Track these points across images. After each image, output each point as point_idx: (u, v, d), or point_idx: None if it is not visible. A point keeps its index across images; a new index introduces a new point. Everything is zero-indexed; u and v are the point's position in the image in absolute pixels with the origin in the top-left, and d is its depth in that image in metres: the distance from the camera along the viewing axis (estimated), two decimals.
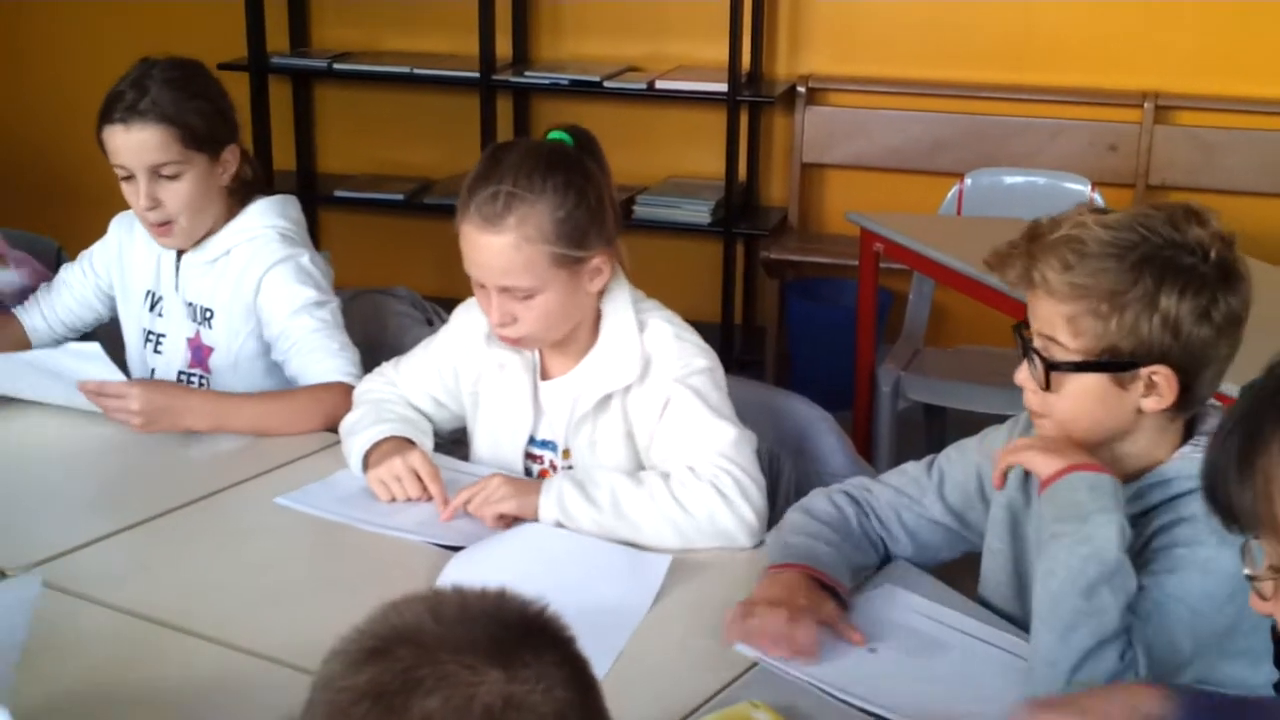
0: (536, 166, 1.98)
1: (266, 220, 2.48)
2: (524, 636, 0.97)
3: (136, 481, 2.20)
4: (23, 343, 2.63)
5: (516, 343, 2.09)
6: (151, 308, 2.55)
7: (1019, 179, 4.07)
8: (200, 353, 2.51)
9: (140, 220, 2.45)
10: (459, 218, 2.00)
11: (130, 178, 2.38)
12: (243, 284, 2.45)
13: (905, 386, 3.73)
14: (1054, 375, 1.66)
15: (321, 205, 5.22)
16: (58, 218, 2.33)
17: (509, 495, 1.98)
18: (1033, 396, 1.71)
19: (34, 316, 2.65)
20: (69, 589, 1.84)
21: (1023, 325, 1.72)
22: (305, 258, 2.47)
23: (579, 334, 2.10)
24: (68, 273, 2.66)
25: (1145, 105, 4.34)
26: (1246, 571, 1.14)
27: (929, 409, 3.81)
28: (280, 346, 2.43)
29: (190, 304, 2.51)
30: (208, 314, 2.49)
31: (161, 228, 2.42)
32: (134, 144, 2.35)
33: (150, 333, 2.56)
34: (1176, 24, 4.36)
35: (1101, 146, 4.39)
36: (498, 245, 1.97)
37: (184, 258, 2.49)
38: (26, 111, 5.37)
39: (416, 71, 4.80)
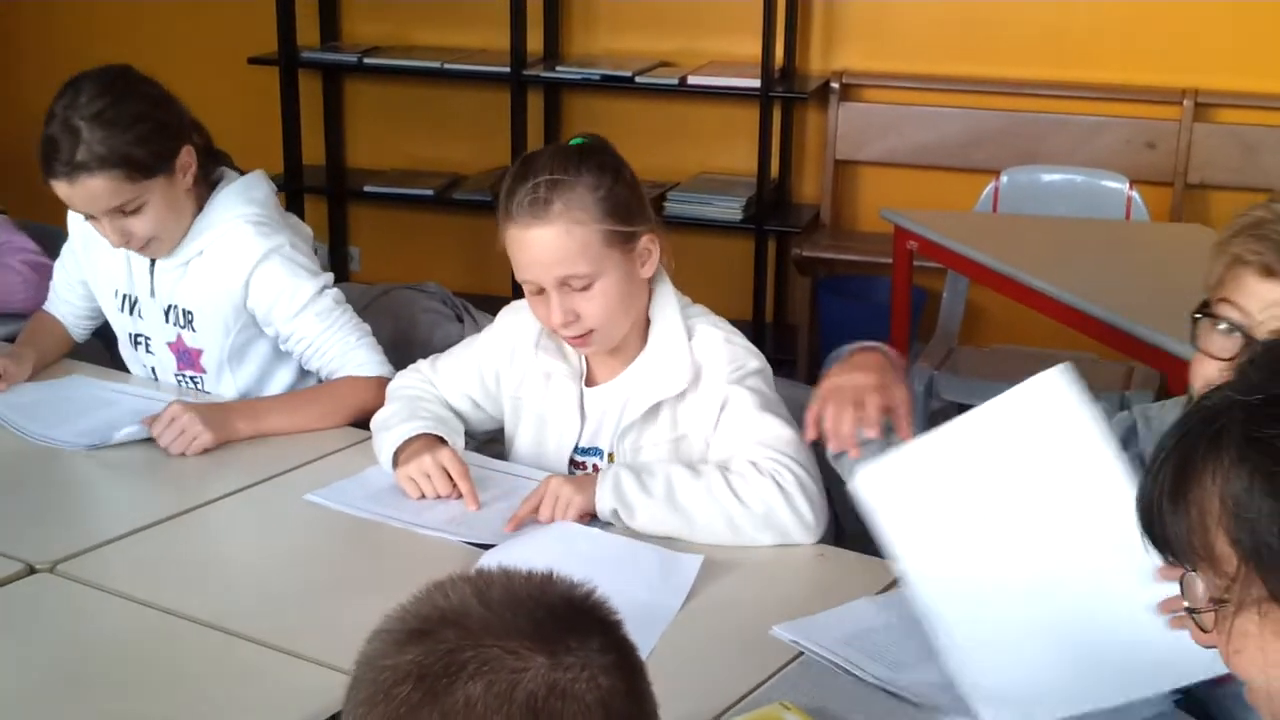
0: (569, 156, 2.01)
1: (234, 211, 2.39)
2: (569, 621, 0.96)
3: (167, 477, 2.19)
4: (65, 339, 2.62)
5: (582, 342, 2.06)
6: (130, 310, 2.50)
7: (1056, 176, 4.03)
8: (188, 355, 2.46)
9: None
10: (502, 225, 2.01)
11: (93, 217, 2.31)
12: (228, 284, 2.38)
13: (939, 386, 3.69)
14: None
15: (351, 200, 5.22)
16: None
17: (575, 492, 1.97)
18: None
19: (58, 307, 2.62)
20: (99, 584, 1.84)
21: (1210, 314, 1.64)
22: (286, 246, 2.38)
23: (628, 338, 2.09)
24: (59, 275, 2.61)
25: (1184, 102, 4.29)
26: (1186, 604, 1.12)
27: (963, 409, 3.76)
28: (295, 350, 2.40)
29: (169, 307, 2.45)
30: (189, 316, 2.44)
31: (143, 250, 2.37)
32: (84, 197, 2.26)
33: (136, 335, 2.51)
34: (1216, 20, 4.31)
35: (1139, 144, 4.35)
36: (548, 235, 1.97)
37: (157, 262, 2.42)
38: None
39: (447, 66, 4.79)
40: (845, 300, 4.59)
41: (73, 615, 1.79)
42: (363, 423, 2.28)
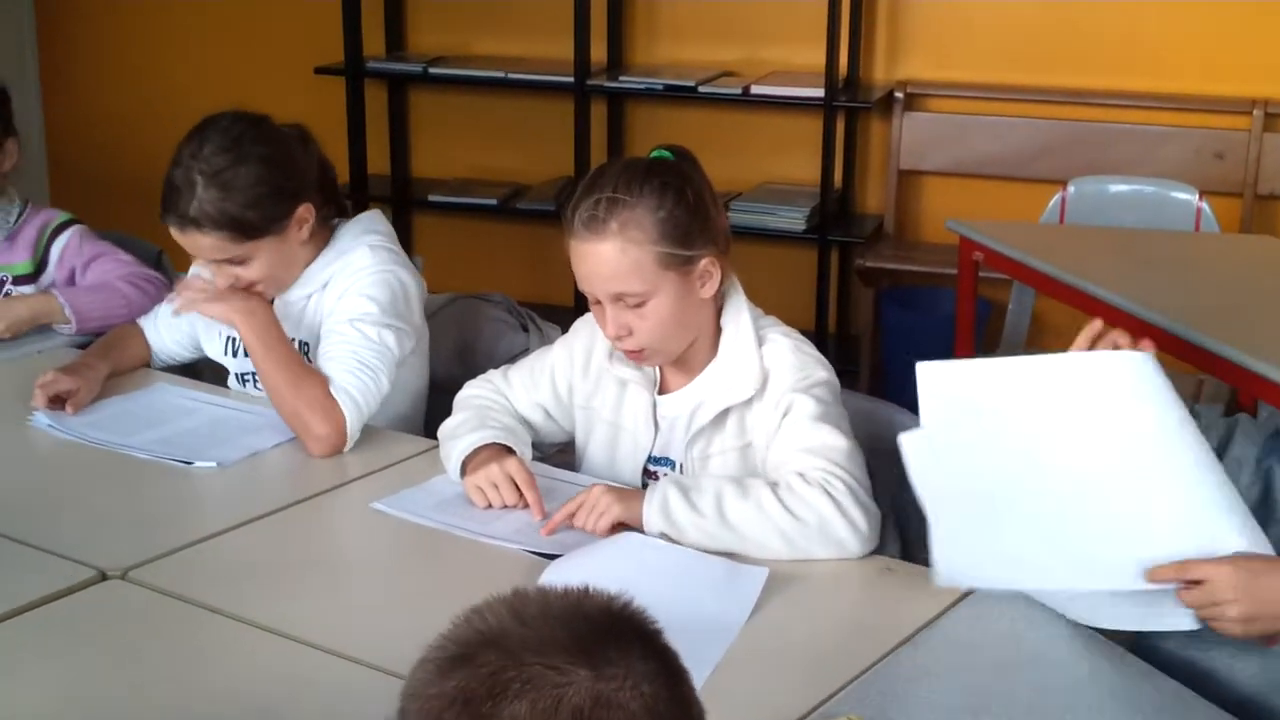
0: (635, 174, 2.01)
1: (359, 240, 2.42)
2: (608, 631, 0.97)
3: (234, 484, 2.21)
4: (144, 357, 2.63)
5: (637, 356, 2.08)
6: (234, 353, 2.51)
7: (1124, 187, 3.98)
8: None
9: None
10: (566, 236, 2.03)
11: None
12: (338, 298, 2.40)
13: None
14: None
15: (415, 209, 5.25)
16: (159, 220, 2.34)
17: (614, 502, 1.97)
18: None
19: (151, 331, 2.64)
20: (167, 590, 1.86)
21: None
22: (391, 274, 2.39)
23: (698, 348, 2.10)
24: (163, 311, 2.62)
25: (1254, 112, 4.24)
26: None
27: None
28: (321, 345, 2.36)
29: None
30: (305, 347, 2.44)
31: (247, 290, 2.38)
32: (191, 246, 2.31)
33: (242, 374, 2.52)
34: None
35: (1208, 154, 4.29)
36: (604, 252, 1.99)
37: (275, 301, 2.44)
38: (128, 114, 5.45)
39: (511, 76, 4.81)
40: (909, 311, 4.57)
41: (144, 622, 1.81)
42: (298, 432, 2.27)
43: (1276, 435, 1.78)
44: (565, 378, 2.21)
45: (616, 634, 0.97)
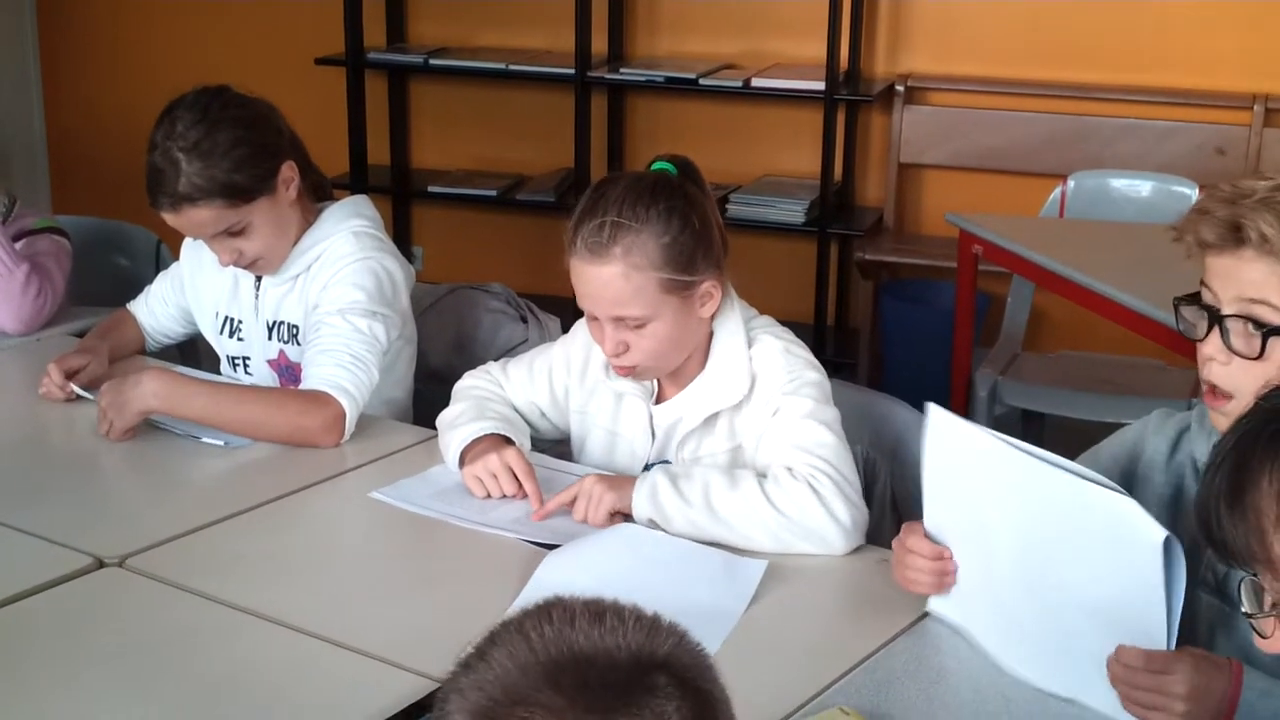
0: (640, 196, 1.99)
1: (342, 224, 2.42)
2: (642, 690, 0.93)
3: (233, 473, 2.21)
4: (139, 341, 2.63)
5: (631, 372, 2.07)
6: (230, 333, 2.52)
7: (1124, 182, 3.98)
8: (290, 370, 2.45)
9: None
10: (568, 253, 2.01)
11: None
12: (323, 288, 2.39)
13: (1002, 392, 3.66)
14: (1271, 341, 1.56)
15: (415, 201, 5.26)
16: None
17: (607, 490, 1.98)
18: (1223, 371, 1.61)
19: (143, 312, 2.65)
20: (165, 579, 1.86)
21: (1188, 297, 1.65)
22: (375, 261, 2.40)
23: (693, 359, 2.10)
24: (159, 285, 2.64)
25: (1254, 108, 4.24)
26: (1245, 610, 1.10)
27: (1027, 415, 3.75)
28: (309, 337, 2.36)
29: (275, 323, 2.46)
30: (293, 330, 2.45)
31: (251, 267, 2.40)
32: (189, 225, 2.31)
33: (235, 358, 2.52)
34: None
35: (1209, 149, 4.30)
36: (606, 275, 1.97)
37: (264, 279, 2.45)
38: (128, 105, 5.44)
39: (512, 68, 4.81)
40: (908, 304, 4.57)
41: (141, 610, 1.81)
42: (298, 441, 2.24)
43: (1186, 430, 1.77)
44: (562, 382, 2.21)
45: (650, 691, 0.93)
